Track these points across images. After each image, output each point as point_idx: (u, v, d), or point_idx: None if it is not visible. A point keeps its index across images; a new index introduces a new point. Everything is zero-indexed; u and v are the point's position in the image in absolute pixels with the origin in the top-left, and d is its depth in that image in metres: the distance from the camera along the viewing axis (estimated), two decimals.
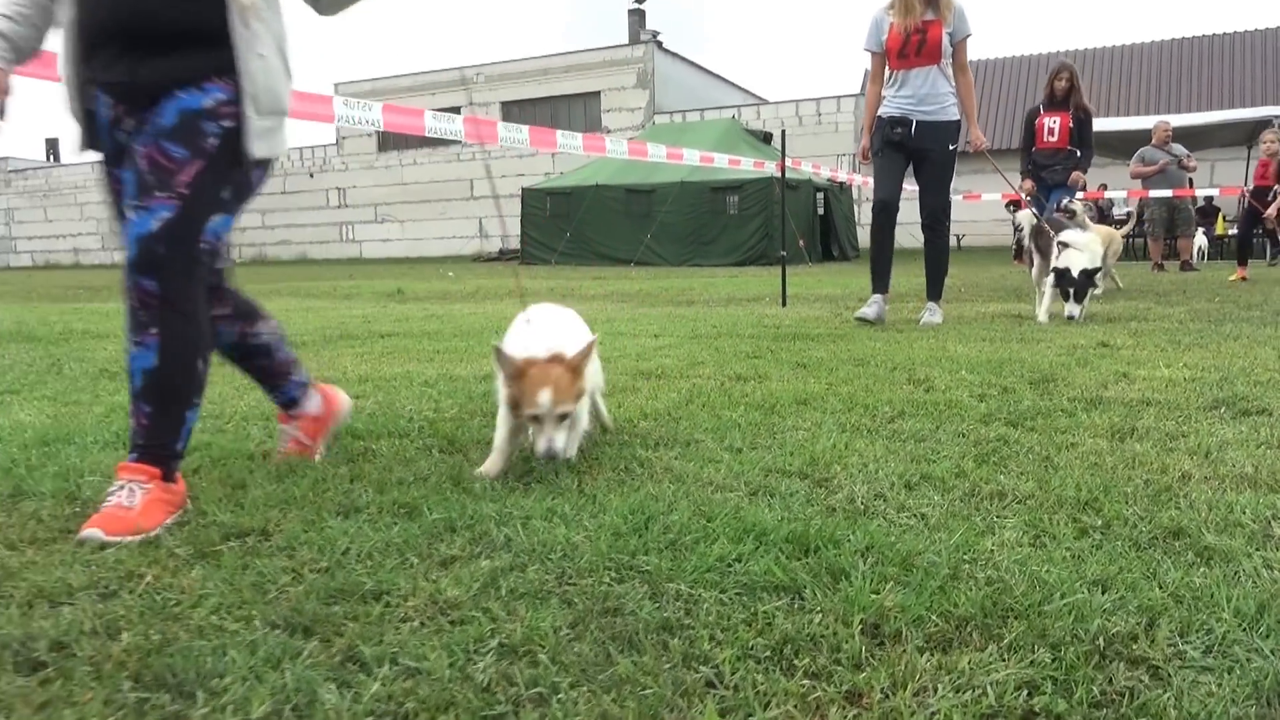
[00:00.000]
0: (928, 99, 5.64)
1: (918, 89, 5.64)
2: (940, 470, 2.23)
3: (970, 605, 1.41)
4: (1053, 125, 8.45)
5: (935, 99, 5.65)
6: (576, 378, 2.21)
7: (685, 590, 1.51)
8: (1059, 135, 8.42)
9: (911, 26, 5.55)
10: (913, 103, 5.66)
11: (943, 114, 5.68)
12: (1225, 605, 1.40)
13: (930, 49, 5.57)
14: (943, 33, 5.55)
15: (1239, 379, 3.41)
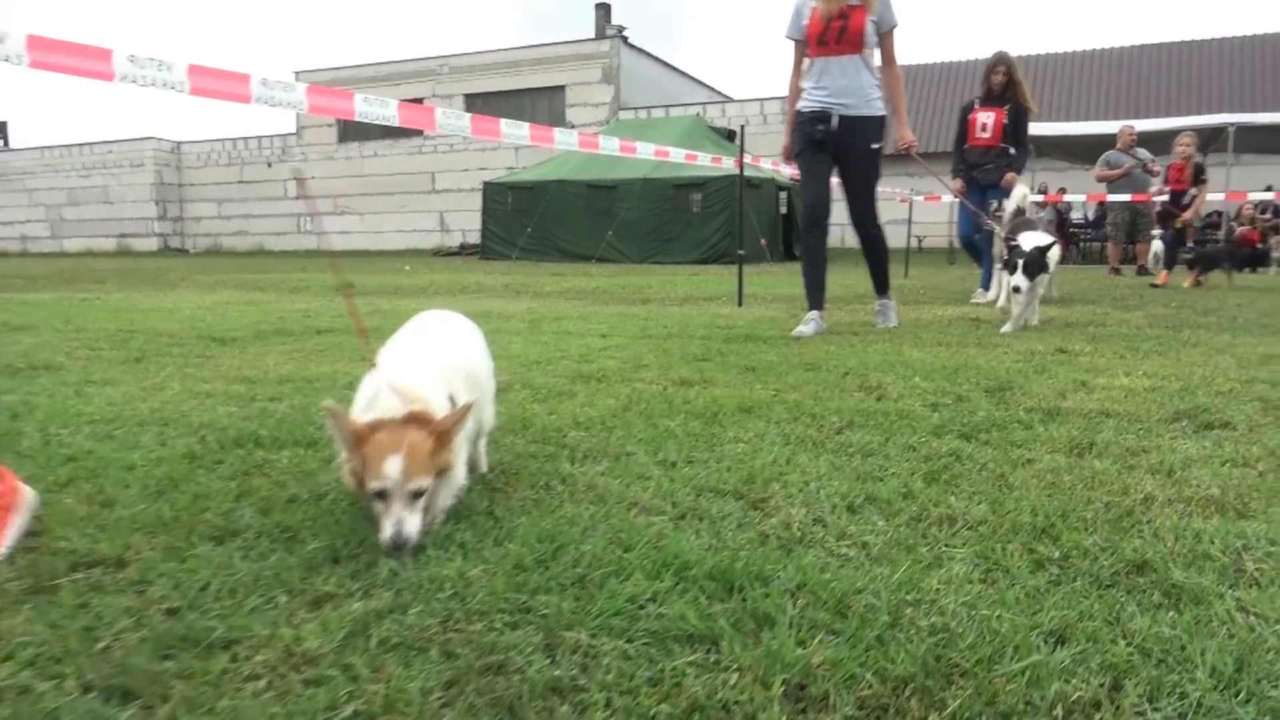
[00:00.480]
0: (849, 91, 5.16)
1: (837, 80, 5.16)
2: (887, 490, 2.04)
3: (910, 662, 1.23)
4: (986, 121, 7.98)
5: (857, 92, 5.18)
6: (442, 445, 1.69)
7: (585, 641, 1.31)
8: (992, 132, 7.95)
9: (834, 11, 5.09)
10: (833, 95, 5.19)
11: (866, 108, 5.20)
12: (1199, 662, 1.22)
13: (852, 36, 5.10)
14: (866, 20, 5.10)
15: (1200, 389, 3.28)
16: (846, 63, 5.15)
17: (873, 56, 5.22)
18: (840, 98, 5.17)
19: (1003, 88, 7.94)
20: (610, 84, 29.47)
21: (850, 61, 5.15)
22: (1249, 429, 2.69)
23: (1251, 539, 1.72)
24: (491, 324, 5.92)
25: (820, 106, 5.22)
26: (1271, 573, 1.56)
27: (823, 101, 5.21)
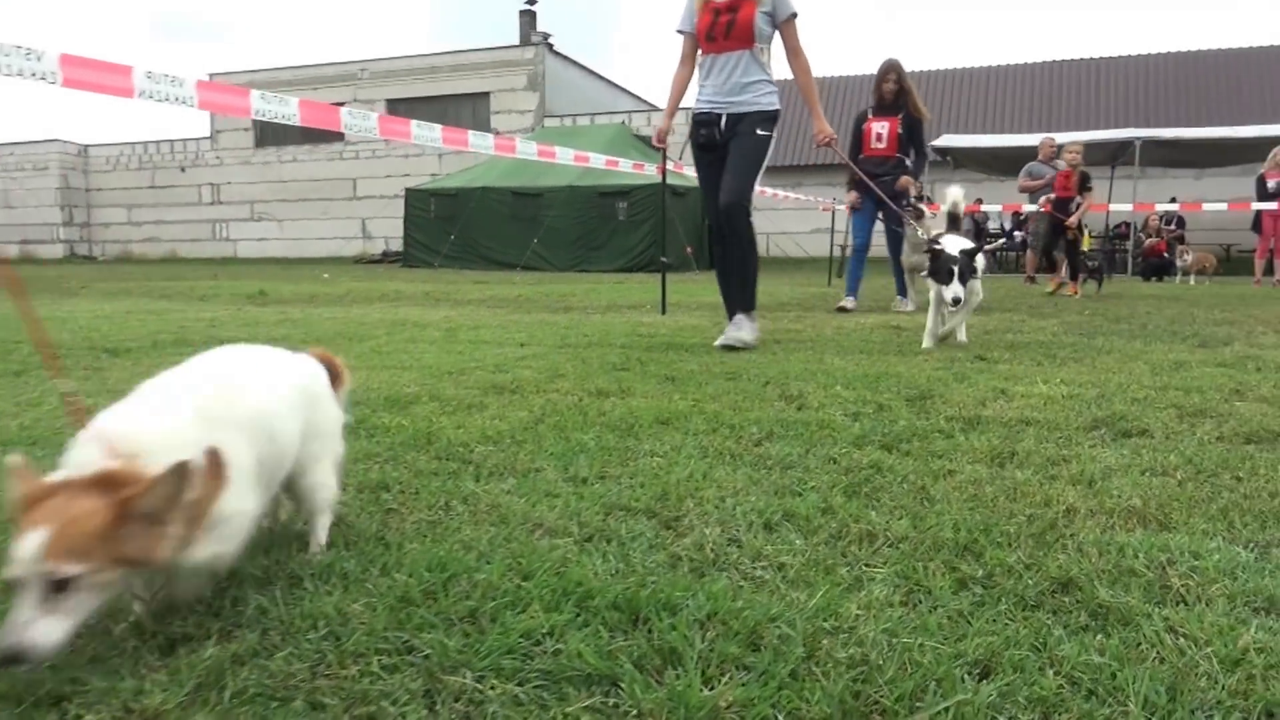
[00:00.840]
0: (739, 89, 4.83)
1: (727, 77, 4.82)
2: (806, 506, 1.95)
3: (827, 701, 1.12)
4: (880, 130, 7.81)
5: (747, 89, 4.83)
6: (126, 520, 1.19)
7: (470, 685, 1.18)
8: (887, 141, 7.79)
9: (721, 5, 4.77)
10: (721, 93, 4.86)
11: (753, 104, 4.85)
12: (1131, 692, 1.14)
13: (740, 31, 4.75)
14: (756, 13, 4.74)
15: (1116, 396, 3.28)
16: (735, 59, 4.83)
17: (766, 52, 4.89)
18: (728, 97, 4.86)
19: (894, 95, 7.78)
20: (535, 91, 29.25)
21: (739, 58, 4.83)
22: (1165, 436, 2.68)
23: (1175, 552, 1.67)
24: (405, 333, 5.72)
25: (709, 107, 4.93)
26: (1197, 589, 1.50)
27: (710, 102, 4.91)
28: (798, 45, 4.92)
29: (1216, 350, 4.67)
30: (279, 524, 1.82)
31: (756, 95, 4.85)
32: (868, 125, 7.93)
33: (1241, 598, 1.47)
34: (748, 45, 4.80)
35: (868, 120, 7.94)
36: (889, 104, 7.81)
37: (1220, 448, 2.53)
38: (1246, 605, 1.45)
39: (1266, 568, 1.61)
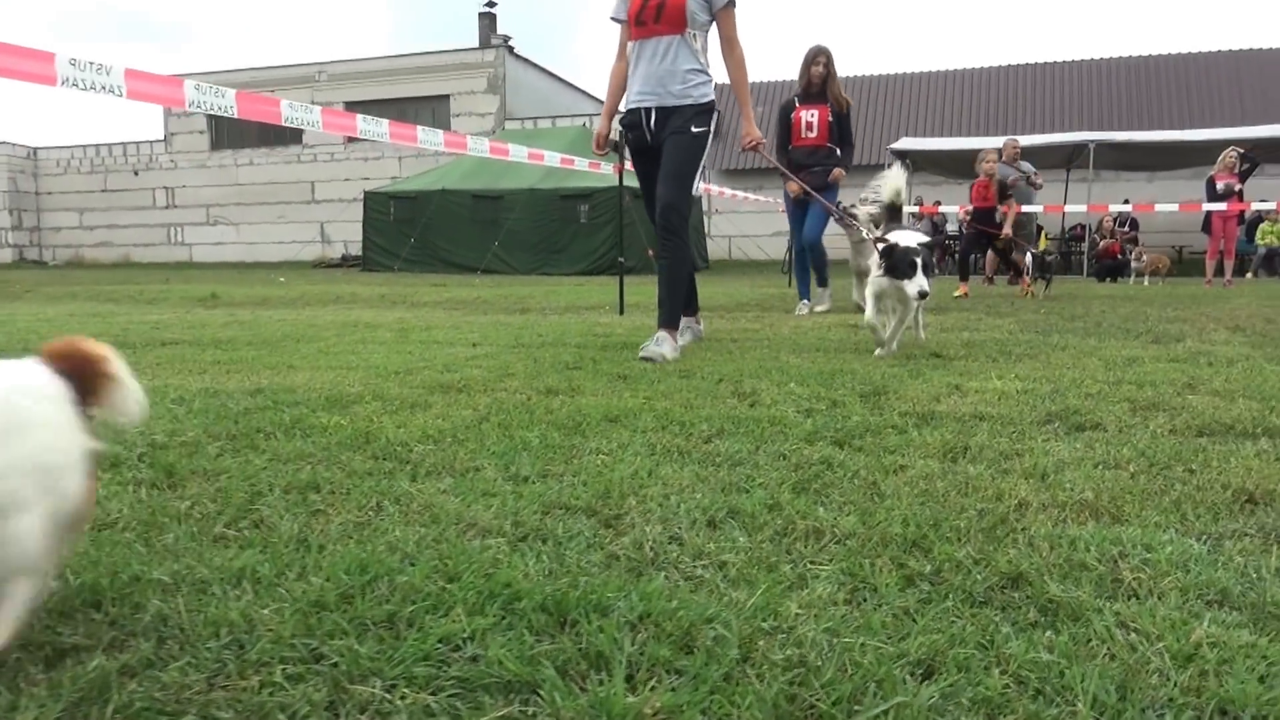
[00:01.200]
0: (669, 78, 4.41)
1: (657, 65, 4.42)
2: (752, 503, 1.88)
3: (760, 706, 1.05)
4: (810, 119, 7.41)
5: (671, 78, 4.43)
6: None
7: (379, 695, 1.09)
8: (818, 130, 7.39)
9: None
10: (649, 85, 4.46)
11: (683, 96, 4.44)
12: (1080, 690, 1.08)
13: (671, 14, 4.36)
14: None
15: (1070, 391, 3.26)
16: (665, 45, 4.42)
17: (701, 40, 4.48)
18: (655, 87, 4.46)
19: (823, 80, 7.40)
20: (496, 94, 29.07)
21: (669, 44, 4.42)
22: (1118, 430, 2.65)
23: (1127, 545, 1.62)
24: (356, 334, 5.60)
25: (638, 102, 4.54)
26: (1149, 582, 1.46)
27: (639, 95, 4.51)
28: (734, 35, 4.55)
29: (1169, 346, 4.69)
30: None
31: (689, 86, 4.44)
32: (796, 114, 7.52)
33: (1194, 590, 1.43)
34: (679, 30, 4.39)
35: (796, 109, 7.53)
36: (817, 91, 7.46)
37: (1173, 440, 2.50)
38: (1199, 598, 1.41)
39: (1219, 560, 1.57)
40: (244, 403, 3.05)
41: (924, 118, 25.50)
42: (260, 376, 3.73)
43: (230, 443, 2.46)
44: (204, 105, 3.70)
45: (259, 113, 4.20)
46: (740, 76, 4.62)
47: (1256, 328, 5.69)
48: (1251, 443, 2.47)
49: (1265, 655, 1.18)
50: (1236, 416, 2.77)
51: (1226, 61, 24.31)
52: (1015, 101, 25.43)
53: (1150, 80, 24.45)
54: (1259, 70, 23.82)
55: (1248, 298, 9.36)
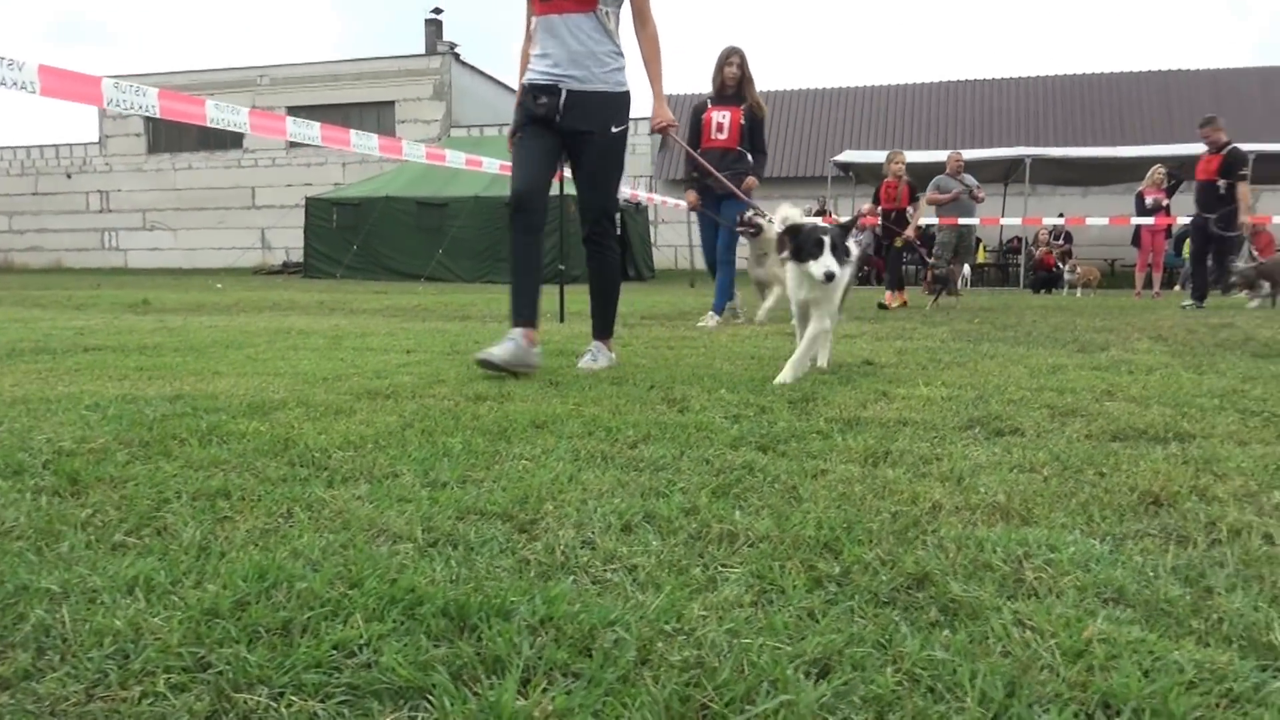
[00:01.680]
0: (579, 59, 4.00)
1: (564, 44, 3.99)
2: (669, 507, 1.88)
3: (651, 706, 1.04)
4: (722, 120, 7.03)
5: (590, 60, 4.02)
6: None
7: (263, 703, 1.06)
8: (729, 133, 7.01)
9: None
10: (560, 65, 4.01)
11: (600, 81, 4.04)
12: (969, 688, 1.10)
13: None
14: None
15: (994, 397, 3.32)
16: (575, 23, 3.99)
17: (614, 19, 4.10)
18: (569, 68, 4.01)
19: (737, 83, 7.08)
20: (442, 101, 28.88)
21: (579, 21, 4.00)
22: (1037, 434, 2.71)
23: (1033, 546, 1.65)
24: (287, 341, 5.50)
25: (548, 79, 4.04)
26: (1050, 581, 1.48)
27: (549, 72, 4.03)
28: (647, 11, 4.19)
29: (1093, 355, 4.80)
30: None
31: (604, 70, 4.04)
32: (707, 115, 7.15)
33: (1092, 589, 1.46)
34: (589, 7, 3.99)
35: (708, 110, 7.17)
36: (731, 93, 7.13)
37: (1087, 445, 2.56)
38: (1097, 596, 1.43)
39: (1120, 559, 1.60)
40: (161, 409, 2.97)
41: (867, 131, 25.90)
42: (182, 383, 3.64)
43: (142, 449, 2.40)
44: (124, 104, 3.60)
45: (183, 113, 4.10)
46: (653, 53, 4.24)
47: (1178, 337, 5.86)
48: (1161, 447, 2.53)
49: (1152, 650, 1.21)
50: (1150, 422, 2.84)
51: (1156, 81, 25.11)
52: (955, 116, 25.97)
53: (1085, 98, 25.14)
54: (1187, 91, 24.64)
55: (1173, 309, 9.65)
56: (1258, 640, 1.26)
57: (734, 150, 7.05)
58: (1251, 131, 22.05)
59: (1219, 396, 3.32)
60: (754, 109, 7.08)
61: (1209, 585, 1.47)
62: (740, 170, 6.94)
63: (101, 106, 3.62)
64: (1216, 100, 24.13)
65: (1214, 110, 23.71)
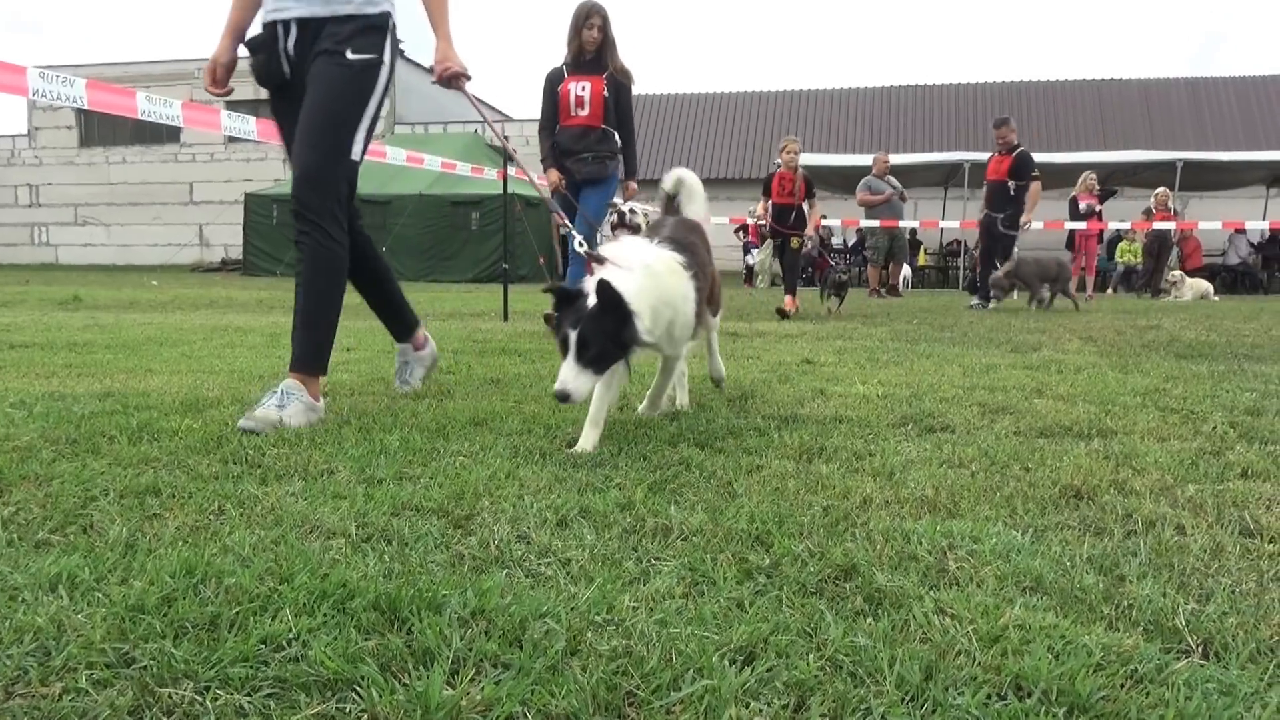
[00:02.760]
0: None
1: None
2: (605, 502, 1.90)
3: (579, 695, 1.06)
4: (581, 93, 5.86)
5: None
6: None
7: (188, 697, 1.06)
8: (590, 107, 5.85)
9: None
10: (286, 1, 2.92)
11: (341, 6, 2.91)
12: (888, 672, 1.13)
13: None
14: None
15: (927, 395, 3.39)
16: None
17: None
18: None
19: (598, 47, 5.88)
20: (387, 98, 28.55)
21: None
22: (967, 431, 2.78)
23: (957, 537, 1.70)
24: (224, 339, 5.41)
25: (270, 17, 2.98)
26: (971, 571, 1.53)
27: (275, 7, 2.95)
28: None
29: (1026, 355, 4.93)
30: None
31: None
32: (565, 87, 5.92)
33: (1012, 578, 1.50)
34: None
35: (565, 80, 5.93)
36: (591, 59, 5.91)
37: (1014, 441, 2.63)
38: (1015, 585, 1.48)
39: (1039, 550, 1.66)
40: (90, 406, 2.90)
41: (808, 134, 26.18)
42: (113, 380, 3.56)
43: (69, 447, 2.34)
44: (50, 95, 3.51)
45: (113, 105, 4.01)
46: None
47: (1107, 338, 6.04)
48: (1085, 443, 2.62)
49: (1064, 635, 1.26)
50: (1075, 419, 2.93)
51: (1089, 90, 25.79)
52: (895, 121, 26.38)
53: (1020, 105, 25.70)
54: (1119, 100, 25.35)
55: (1105, 311, 9.92)
56: (1163, 625, 1.31)
57: (597, 129, 5.89)
58: (1180, 140, 22.81)
59: (1142, 395, 3.44)
60: (618, 76, 5.91)
61: (1122, 574, 1.53)
62: (605, 152, 5.90)
63: (27, 96, 3.53)
64: (1147, 109, 24.90)
65: (1145, 119, 24.47)
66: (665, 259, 2.62)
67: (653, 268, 2.55)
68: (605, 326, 2.36)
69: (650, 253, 2.62)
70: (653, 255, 2.61)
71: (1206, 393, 3.49)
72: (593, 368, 2.37)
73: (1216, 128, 24.03)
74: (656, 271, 2.55)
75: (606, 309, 2.35)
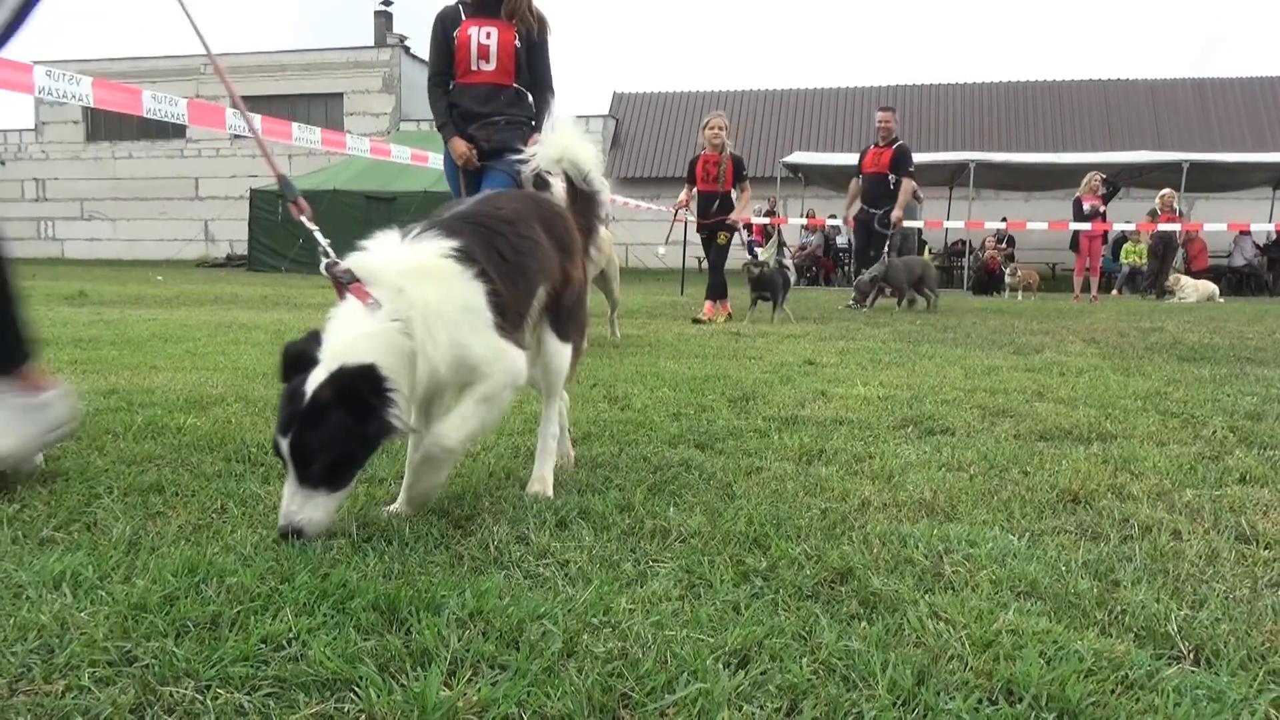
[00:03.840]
0: None
1: None
2: (604, 503, 1.91)
3: (574, 696, 1.07)
4: (486, 42, 4.61)
5: None
6: None
7: (189, 696, 1.07)
8: (497, 60, 4.61)
9: None
10: None
11: None
12: (881, 676, 1.14)
13: None
14: None
15: (928, 398, 3.40)
16: None
17: None
18: None
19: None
20: (391, 94, 28.57)
21: None
22: (967, 434, 2.78)
23: (953, 541, 1.71)
24: (228, 335, 5.43)
25: None
26: (966, 574, 1.54)
27: None
28: None
29: (1028, 357, 4.93)
30: None
31: None
32: (463, 33, 4.65)
33: (1007, 583, 1.51)
34: None
35: (462, 23, 4.68)
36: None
37: (1014, 444, 2.64)
38: (1010, 589, 1.49)
39: (1035, 554, 1.67)
40: (95, 403, 2.92)
41: (816, 133, 26.17)
42: (118, 377, 3.58)
43: (74, 444, 2.36)
44: (56, 93, 3.53)
45: (119, 103, 4.03)
46: None
47: (1110, 341, 6.04)
48: (1084, 447, 2.62)
49: (1056, 640, 1.27)
50: (1076, 422, 2.94)
51: (1096, 90, 25.73)
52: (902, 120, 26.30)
53: (1027, 105, 25.66)
54: (1125, 100, 25.29)
55: (1109, 313, 9.91)
56: (1156, 631, 1.32)
57: (508, 88, 4.69)
58: (1186, 141, 22.75)
59: (1143, 398, 3.44)
60: (530, 21, 4.67)
61: (1116, 579, 1.54)
62: (519, 118, 4.72)
63: (33, 94, 3.55)
64: (1153, 109, 24.84)
65: (1151, 120, 24.41)
66: (428, 262, 1.73)
67: (408, 289, 1.69)
68: (335, 428, 1.59)
69: (404, 260, 1.74)
70: (407, 262, 1.73)
71: (1208, 396, 3.49)
72: (327, 486, 1.63)
73: (1223, 129, 23.98)
74: (411, 292, 1.69)
75: (331, 402, 1.59)
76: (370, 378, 1.59)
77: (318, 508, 1.63)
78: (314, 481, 1.62)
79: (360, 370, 1.59)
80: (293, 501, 1.62)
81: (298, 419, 1.60)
